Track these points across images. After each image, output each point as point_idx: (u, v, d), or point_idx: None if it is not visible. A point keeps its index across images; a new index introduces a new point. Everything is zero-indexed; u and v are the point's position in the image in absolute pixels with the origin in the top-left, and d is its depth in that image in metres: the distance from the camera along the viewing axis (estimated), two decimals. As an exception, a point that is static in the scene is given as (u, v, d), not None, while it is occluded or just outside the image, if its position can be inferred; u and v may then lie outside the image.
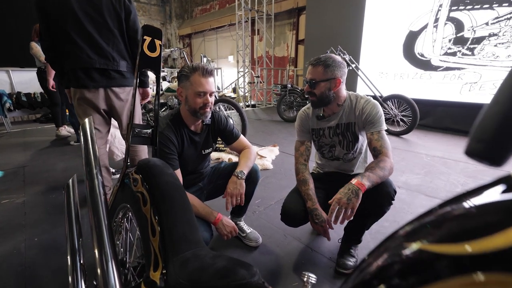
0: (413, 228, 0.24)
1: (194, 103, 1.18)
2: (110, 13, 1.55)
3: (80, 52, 1.52)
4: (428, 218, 0.23)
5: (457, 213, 0.23)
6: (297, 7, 7.21)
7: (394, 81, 4.63)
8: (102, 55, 1.57)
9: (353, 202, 0.95)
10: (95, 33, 1.53)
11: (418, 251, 0.21)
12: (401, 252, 0.22)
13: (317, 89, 1.18)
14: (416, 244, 0.21)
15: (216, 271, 0.46)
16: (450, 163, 2.71)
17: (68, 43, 1.52)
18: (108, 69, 1.59)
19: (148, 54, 0.82)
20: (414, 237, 0.22)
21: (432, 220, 0.23)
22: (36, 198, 2.02)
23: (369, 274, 0.24)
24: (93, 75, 1.56)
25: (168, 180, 0.68)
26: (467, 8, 3.77)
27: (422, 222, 0.24)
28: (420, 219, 0.24)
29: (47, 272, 1.27)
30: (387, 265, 0.23)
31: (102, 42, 1.56)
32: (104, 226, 0.60)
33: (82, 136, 0.78)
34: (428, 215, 0.24)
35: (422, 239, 0.21)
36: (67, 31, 1.49)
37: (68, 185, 0.91)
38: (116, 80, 1.63)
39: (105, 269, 0.54)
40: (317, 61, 1.16)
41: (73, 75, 1.56)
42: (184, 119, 1.27)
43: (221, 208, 1.24)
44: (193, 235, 0.60)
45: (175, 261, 0.54)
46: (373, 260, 0.25)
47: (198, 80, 1.15)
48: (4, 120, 4.31)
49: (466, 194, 0.24)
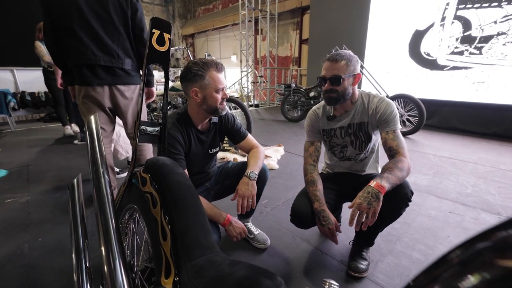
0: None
1: (215, 101, 1.15)
2: (116, 10, 1.52)
3: (85, 48, 1.49)
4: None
5: None
6: (301, 6, 7.17)
7: (399, 81, 4.58)
8: (107, 52, 1.54)
9: (374, 206, 0.91)
10: (100, 29, 1.50)
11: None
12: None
13: (341, 85, 1.12)
14: None
15: (237, 282, 0.42)
16: (458, 163, 2.66)
17: (73, 39, 1.49)
18: (113, 66, 1.56)
19: (156, 48, 0.79)
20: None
21: None
22: (40, 198, 2.00)
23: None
24: (98, 72, 1.53)
25: (179, 180, 0.64)
26: (475, 6, 3.71)
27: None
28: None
29: (50, 274, 1.24)
30: None
31: (107, 39, 1.53)
32: (112, 226, 0.56)
33: (87, 134, 0.75)
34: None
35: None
36: (72, 27, 1.46)
37: (72, 185, 0.88)
38: (121, 78, 1.60)
39: (113, 272, 0.50)
40: (339, 56, 1.10)
41: (77, 72, 1.54)
42: (192, 118, 1.24)
43: (228, 209, 1.21)
44: (207, 240, 0.57)
45: (188, 267, 0.50)
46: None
47: (216, 77, 1.11)
48: (8, 119, 4.31)
49: None
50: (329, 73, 1.13)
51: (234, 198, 1.16)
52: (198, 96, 1.14)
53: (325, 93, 1.17)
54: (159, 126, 0.89)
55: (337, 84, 1.12)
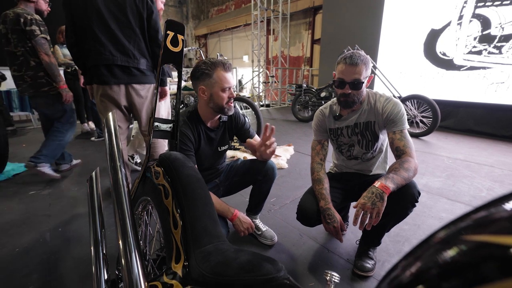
0: (474, 221, 0.22)
1: (221, 99, 1.19)
2: (133, 12, 1.59)
3: (103, 49, 1.58)
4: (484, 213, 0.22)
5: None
6: (313, 6, 7.13)
7: (413, 81, 4.48)
8: (124, 53, 1.62)
9: (378, 206, 0.92)
10: (118, 31, 1.59)
11: (482, 244, 0.19)
12: (460, 246, 0.21)
13: (361, 89, 1.13)
14: (479, 237, 0.20)
15: (241, 265, 0.46)
16: (473, 166, 2.59)
17: (92, 40, 1.57)
18: (129, 66, 1.64)
19: (170, 48, 0.84)
20: (476, 229, 0.21)
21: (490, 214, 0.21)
22: (60, 191, 2.12)
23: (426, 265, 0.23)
24: (115, 71, 1.62)
25: (189, 173, 0.68)
26: (495, 4, 3.59)
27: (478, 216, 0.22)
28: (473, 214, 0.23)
29: (69, 261, 1.33)
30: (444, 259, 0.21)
31: (124, 40, 1.61)
32: (128, 217, 0.61)
33: (106, 130, 0.80)
34: (480, 210, 0.23)
35: (486, 231, 0.20)
36: (92, 28, 1.55)
37: (91, 177, 0.94)
38: (137, 77, 1.68)
39: (129, 259, 0.54)
40: (358, 59, 1.09)
41: (95, 72, 1.62)
42: (202, 116, 1.28)
43: (237, 205, 1.25)
44: (215, 229, 0.61)
45: (197, 253, 0.54)
46: (426, 251, 0.23)
47: (222, 76, 1.16)
48: (31, 116, 4.54)
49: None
50: (349, 77, 1.11)
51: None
52: (205, 94, 1.19)
53: (342, 97, 1.15)
54: (172, 123, 0.94)
55: (358, 88, 1.12)
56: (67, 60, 3.60)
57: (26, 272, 1.25)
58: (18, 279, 1.21)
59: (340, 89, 1.15)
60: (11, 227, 1.62)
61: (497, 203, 0.21)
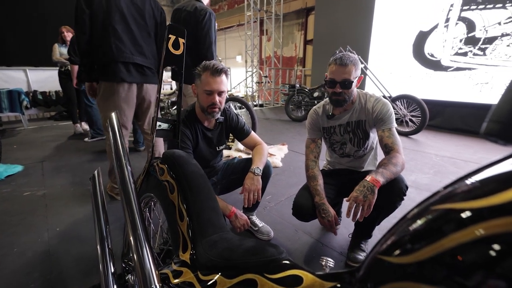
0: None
1: (203, 101, 1.25)
2: (150, 18, 1.75)
3: (124, 47, 1.66)
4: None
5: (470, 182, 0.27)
6: (306, 7, 7.23)
7: (403, 81, 4.61)
8: (141, 53, 1.73)
9: (370, 198, 0.98)
10: (137, 32, 1.70)
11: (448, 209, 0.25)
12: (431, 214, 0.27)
13: (351, 88, 1.19)
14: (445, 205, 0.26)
15: (246, 249, 0.50)
16: (459, 163, 2.70)
17: (113, 37, 1.64)
18: (144, 65, 1.75)
19: (172, 51, 0.88)
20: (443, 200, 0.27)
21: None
22: (56, 191, 2.11)
23: (409, 230, 0.29)
24: (131, 70, 1.70)
25: (194, 170, 0.73)
26: (479, 7, 3.74)
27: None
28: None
29: (70, 259, 1.34)
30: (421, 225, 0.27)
31: (142, 42, 1.73)
32: (137, 211, 0.64)
33: (109, 129, 0.83)
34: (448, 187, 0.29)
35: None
36: (114, 26, 1.63)
37: (93, 176, 0.96)
38: (149, 77, 1.80)
39: (140, 251, 0.58)
40: (348, 60, 1.15)
41: (111, 69, 1.66)
42: (198, 115, 1.33)
43: (234, 203, 1.29)
44: (218, 220, 0.65)
45: (203, 243, 0.58)
46: (412, 220, 0.29)
47: (207, 79, 1.21)
48: (22, 117, 4.46)
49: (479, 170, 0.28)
50: (339, 77, 1.17)
51: (242, 193, 1.24)
52: (195, 92, 1.28)
53: (334, 95, 1.22)
54: (173, 122, 0.98)
55: (348, 87, 1.19)
56: (62, 59, 3.59)
57: (27, 271, 1.27)
58: (18, 278, 1.23)
59: (331, 88, 1.22)
60: (7, 228, 1.62)
61: (454, 183, 0.28)
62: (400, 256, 0.27)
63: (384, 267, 0.29)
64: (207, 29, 1.92)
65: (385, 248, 0.30)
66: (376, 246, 0.34)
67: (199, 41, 1.95)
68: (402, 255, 0.27)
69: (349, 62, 1.16)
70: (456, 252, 0.22)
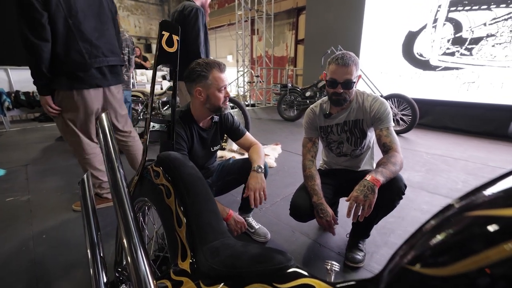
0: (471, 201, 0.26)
1: (218, 100, 1.21)
2: (109, 10, 1.59)
3: (97, 50, 1.50)
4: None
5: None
6: (297, 7, 7.24)
7: (393, 81, 4.68)
8: (113, 52, 1.60)
9: (370, 198, 0.97)
10: (103, 29, 1.54)
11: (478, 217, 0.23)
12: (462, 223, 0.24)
13: (352, 88, 1.18)
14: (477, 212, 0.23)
15: (252, 257, 0.47)
16: (450, 161, 2.75)
17: (81, 41, 1.44)
18: (118, 65, 1.63)
19: (166, 49, 0.83)
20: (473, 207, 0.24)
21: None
22: (41, 196, 2.02)
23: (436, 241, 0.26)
24: (105, 72, 1.57)
25: (190, 172, 0.69)
26: (465, 9, 3.83)
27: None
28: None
29: (58, 268, 1.28)
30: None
31: (111, 39, 1.58)
32: (130, 216, 0.60)
33: (100, 131, 0.78)
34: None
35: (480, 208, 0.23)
36: (79, 28, 1.43)
37: (83, 180, 0.91)
38: (120, 76, 1.69)
39: (135, 259, 0.54)
40: (349, 60, 1.13)
41: (83, 76, 1.47)
42: (194, 116, 1.29)
43: (228, 204, 1.26)
44: (219, 225, 0.62)
45: (205, 250, 0.55)
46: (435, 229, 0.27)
47: (218, 76, 1.18)
48: (3, 119, 4.28)
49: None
50: (341, 78, 1.15)
51: (246, 194, 1.16)
52: (202, 95, 1.20)
53: (335, 95, 1.20)
54: (167, 123, 0.94)
55: (350, 88, 1.17)
56: None
57: (11, 281, 1.19)
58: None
59: (332, 88, 1.19)
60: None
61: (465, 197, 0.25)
62: (435, 268, 0.25)
63: (417, 279, 0.27)
64: (193, 24, 1.98)
65: (414, 258, 0.27)
66: (397, 253, 0.31)
67: (186, 36, 1.97)
68: (438, 267, 0.25)
69: (351, 62, 1.14)
70: (506, 264, 0.20)
